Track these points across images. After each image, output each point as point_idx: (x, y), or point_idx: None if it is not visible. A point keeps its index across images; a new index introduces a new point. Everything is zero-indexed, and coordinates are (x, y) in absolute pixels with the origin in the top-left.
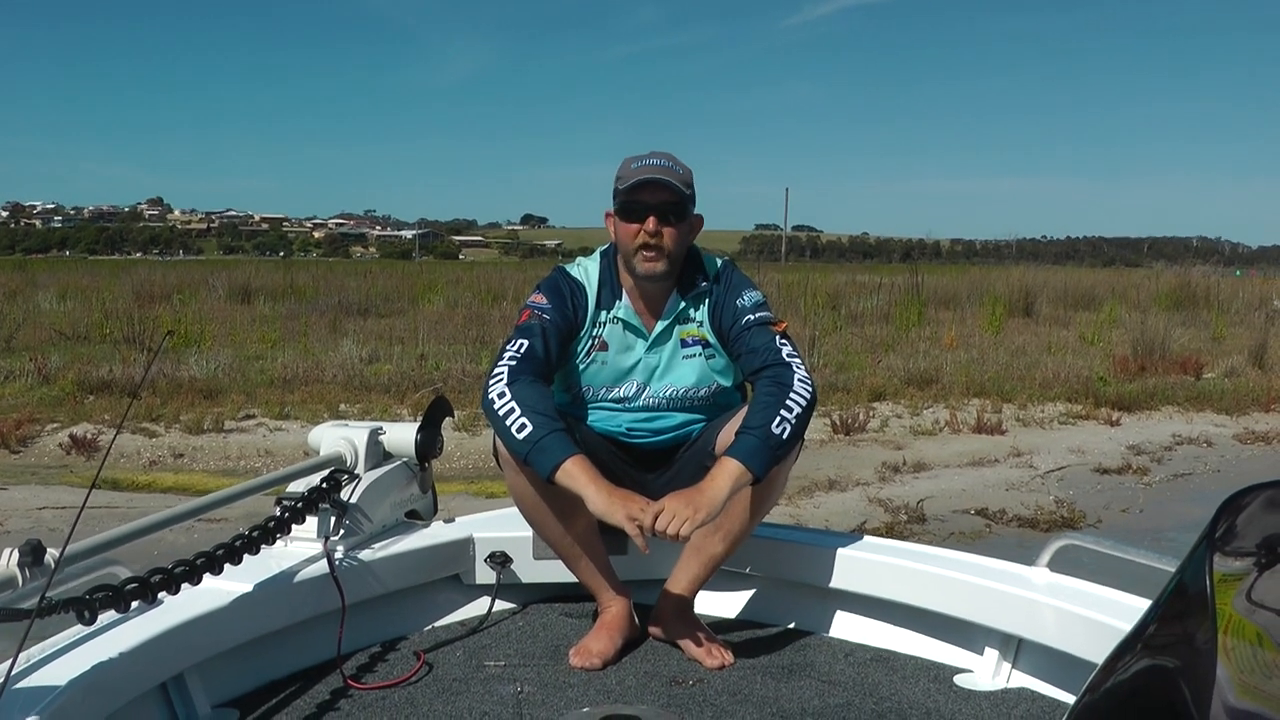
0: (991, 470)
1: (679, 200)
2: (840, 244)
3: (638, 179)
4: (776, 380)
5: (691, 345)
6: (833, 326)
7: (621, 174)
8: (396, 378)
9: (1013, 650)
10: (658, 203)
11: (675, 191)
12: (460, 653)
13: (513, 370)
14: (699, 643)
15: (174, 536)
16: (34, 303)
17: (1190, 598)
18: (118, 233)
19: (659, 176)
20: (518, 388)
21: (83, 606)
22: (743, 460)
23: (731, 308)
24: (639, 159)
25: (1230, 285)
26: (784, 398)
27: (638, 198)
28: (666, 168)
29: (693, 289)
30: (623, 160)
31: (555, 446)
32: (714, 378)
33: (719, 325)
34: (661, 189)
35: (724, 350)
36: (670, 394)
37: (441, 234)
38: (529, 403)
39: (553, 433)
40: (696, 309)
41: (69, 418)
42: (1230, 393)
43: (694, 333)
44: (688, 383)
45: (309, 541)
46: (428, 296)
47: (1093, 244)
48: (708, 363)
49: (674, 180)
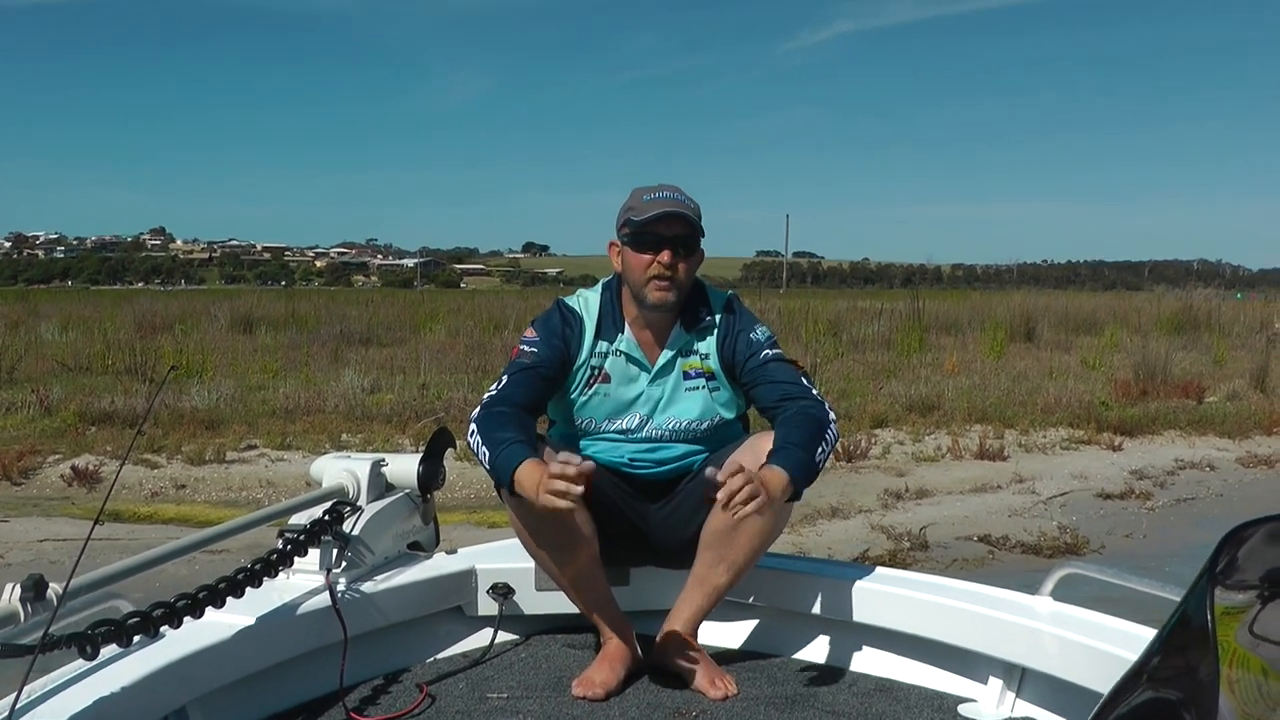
0: (994, 496)
1: (693, 234)
2: (841, 270)
3: (657, 211)
4: (812, 414)
5: (695, 378)
6: (834, 353)
7: (634, 204)
8: (398, 407)
9: (1016, 679)
10: (673, 235)
11: (690, 224)
12: (463, 684)
13: (484, 407)
14: (703, 673)
15: (174, 568)
16: (36, 334)
17: (1193, 630)
18: (120, 263)
19: (676, 210)
20: (485, 418)
21: (85, 641)
22: (790, 473)
23: (746, 342)
24: (650, 191)
25: (1231, 308)
26: (823, 431)
27: (654, 229)
28: (681, 201)
29: (697, 322)
30: (632, 191)
31: (509, 458)
32: (717, 410)
33: (728, 359)
34: (678, 222)
35: (730, 383)
36: (673, 426)
37: (443, 262)
38: (491, 431)
39: (506, 446)
40: (701, 342)
41: (71, 449)
42: (1232, 416)
43: (697, 365)
44: (691, 415)
45: (311, 574)
46: (429, 325)
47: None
48: (711, 395)
49: (690, 214)
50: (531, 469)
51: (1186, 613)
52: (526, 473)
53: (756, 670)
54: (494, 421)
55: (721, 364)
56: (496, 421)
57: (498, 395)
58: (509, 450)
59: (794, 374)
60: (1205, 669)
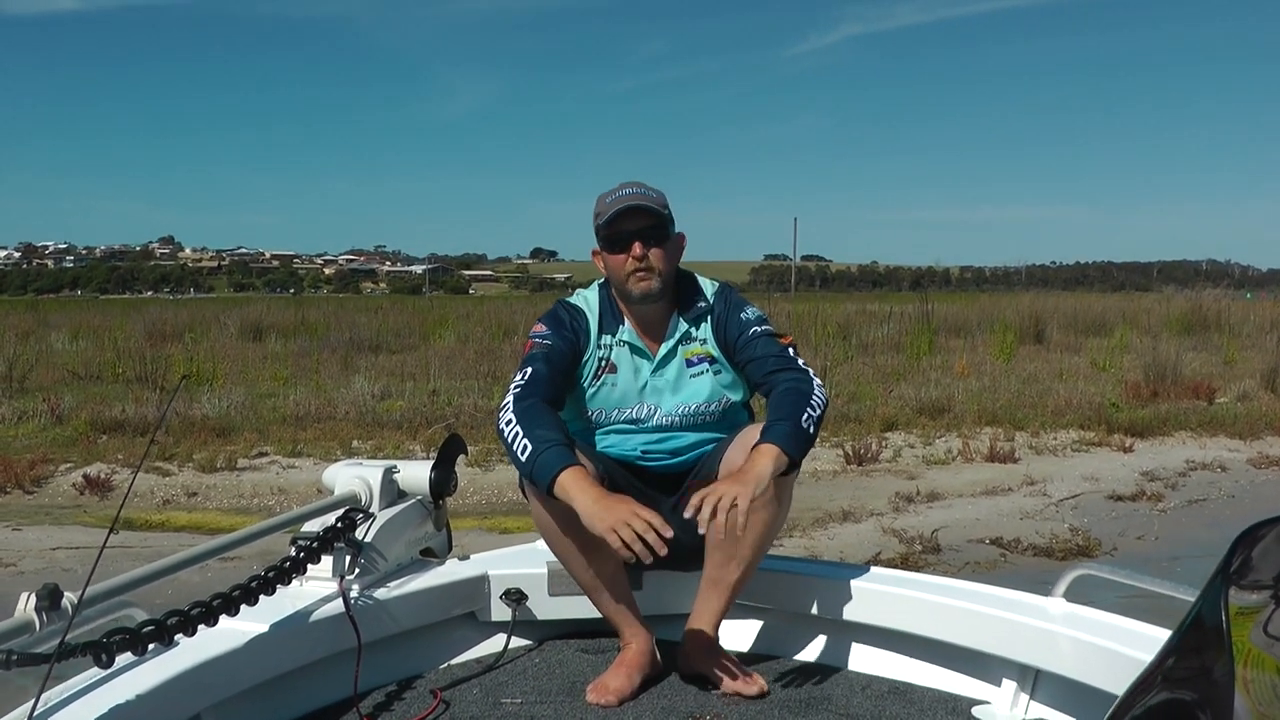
0: (1005, 499)
1: (659, 221)
2: (850, 273)
3: (615, 210)
4: (796, 382)
5: (698, 364)
6: (844, 356)
7: (598, 210)
8: (409, 414)
9: (1030, 681)
10: (638, 228)
11: (654, 214)
12: (477, 690)
13: (518, 396)
14: (733, 674)
15: (187, 575)
16: (47, 343)
17: (1207, 631)
18: (129, 272)
19: (635, 203)
20: (522, 411)
21: (100, 650)
22: (778, 443)
23: (736, 322)
24: (610, 193)
25: (1241, 309)
26: (807, 398)
27: (619, 228)
28: (640, 194)
29: (692, 309)
30: (596, 199)
31: (552, 460)
32: (724, 392)
33: (724, 340)
34: (640, 214)
35: (730, 365)
36: (683, 412)
37: (451, 268)
38: (531, 423)
39: (551, 447)
40: (698, 328)
41: (82, 458)
42: (1243, 417)
43: (699, 351)
44: (699, 399)
45: (324, 581)
46: (438, 332)
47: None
48: (716, 378)
49: (650, 204)
50: (578, 480)
51: (1201, 613)
52: (573, 482)
53: (769, 673)
54: (532, 415)
55: (719, 346)
56: (533, 415)
57: (526, 385)
58: (552, 452)
59: (780, 347)
60: (1220, 670)
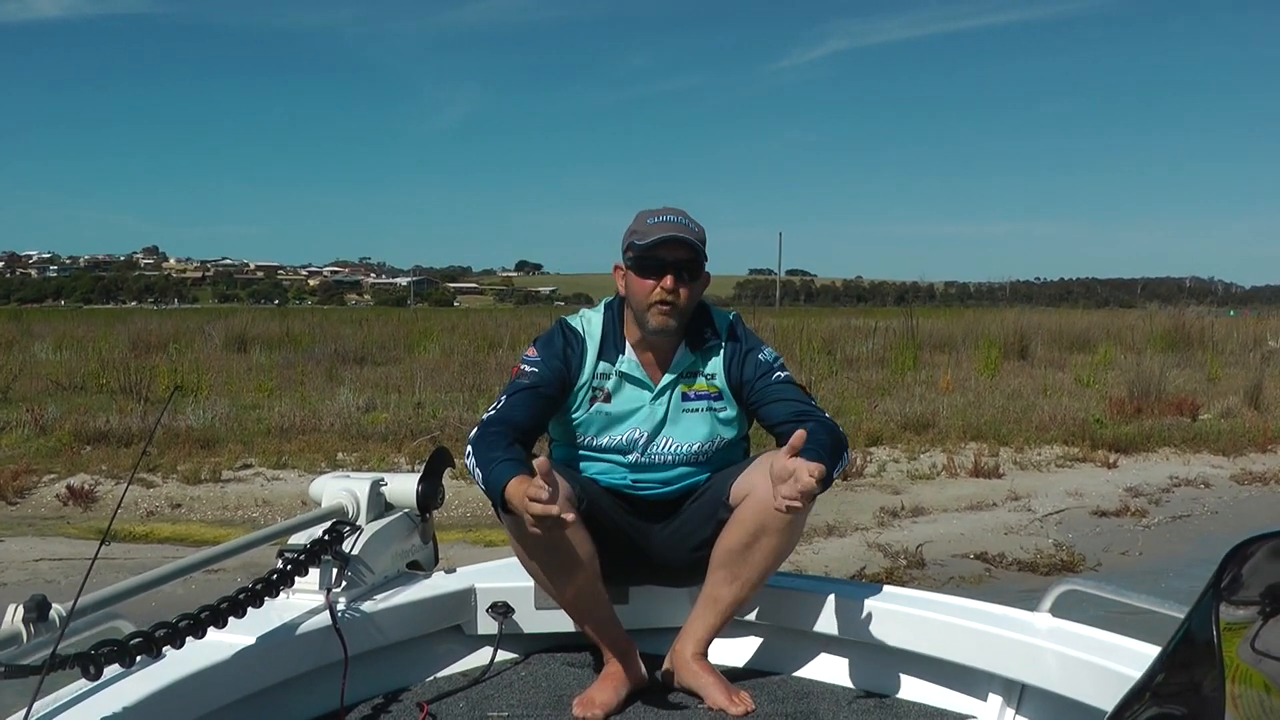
0: (990, 514)
1: (696, 259)
2: (834, 288)
3: (659, 236)
4: (834, 429)
5: (697, 400)
6: (828, 371)
7: (638, 228)
8: (394, 426)
9: (1016, 696)
10: (675, 260)
11: (694, 250)
12: (463, 703)
13: (481, 426)
14: (719, 691)
15: (172, 587)
16: (30, 353)
17: (1197, 646)
18: (113, 282)
19: (680, 235)
20: (480, 442)
21: (88, 662)
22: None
23: (755, 362)
24: (655, 214)
25: (1224, 326)
26: (842, 449)
27: (657, 254)
28: (685, 225)
29: (703, 343)
30: (637, 214)
31: (498, 476)
32: (719, 432)
33: (737, 379)
34: (681, 247)
35: (737, 402)
36: (674, 449)
37: (436, 281)
38: (485, 450)
39: (497, 464)
40: (707, 363)
41: (66, 469)
42: (1227, 433)
43: (703, 387)
44: (691, 438)
45: (311, 593)
46: (423, 344)
47: (1086, 285)
48: (714, 416)
49: (693, 239)
50: (518, 484)
51: (1191, 629)
52: (514, 488)
53: (757, 688)
54: (488, 441)
55: (729, 384)
56: (490, 441)
57: (495, 416)
58: (499, 468)
59: (805, 396)
60: (1210, 685)
